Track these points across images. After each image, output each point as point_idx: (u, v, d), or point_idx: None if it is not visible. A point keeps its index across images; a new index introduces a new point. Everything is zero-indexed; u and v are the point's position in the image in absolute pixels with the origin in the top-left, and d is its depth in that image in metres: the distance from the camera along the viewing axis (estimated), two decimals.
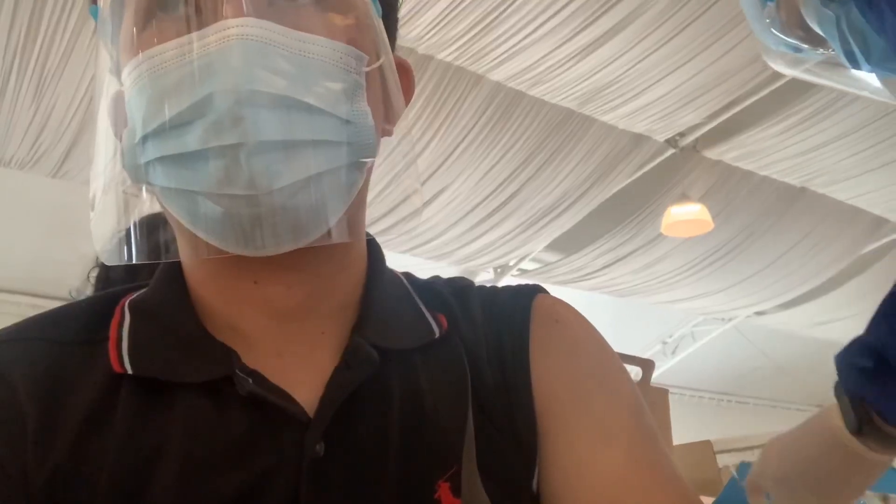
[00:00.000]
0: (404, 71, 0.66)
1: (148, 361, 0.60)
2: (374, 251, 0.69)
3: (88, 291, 1.31)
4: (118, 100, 0.60)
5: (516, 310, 0.70)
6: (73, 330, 0.63)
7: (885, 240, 6.83)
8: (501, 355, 0.67)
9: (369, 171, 0.62)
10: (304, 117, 0.55)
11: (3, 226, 4.85)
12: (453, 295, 0.72)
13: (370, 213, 0.67)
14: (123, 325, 0.63)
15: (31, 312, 0.67)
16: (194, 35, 0.54)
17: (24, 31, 3.62)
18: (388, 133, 0.66)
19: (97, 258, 1.27)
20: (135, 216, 0.60)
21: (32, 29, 3.62)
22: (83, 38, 3.67)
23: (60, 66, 3.78)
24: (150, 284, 0.67)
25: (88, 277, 1.31)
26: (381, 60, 0.62)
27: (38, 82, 3.84)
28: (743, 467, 0.95)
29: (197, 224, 0.57)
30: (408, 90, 0.67)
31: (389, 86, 0.63)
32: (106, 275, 1.29)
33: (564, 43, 4.23)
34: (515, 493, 0.63)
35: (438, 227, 5.30)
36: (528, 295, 0.71)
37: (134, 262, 0.59)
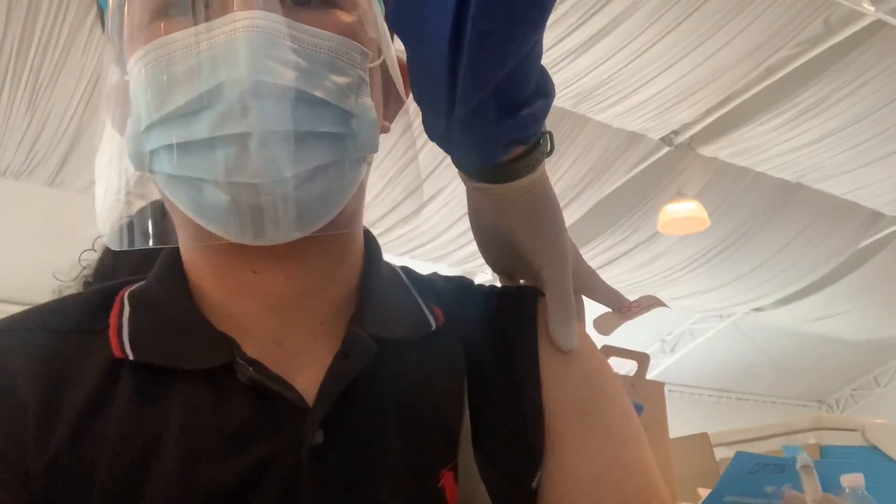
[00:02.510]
0: (403, 71, 0.67)
1: (149, 347, 0.61)
2: (370, 243, 0.70)
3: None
4: (122, 90, 0.61)
5: (524, 312, 0.71)
6: (73, 319, 0.63)
7: (881, 234, 6.84)
8: (510, 357, 0.68)
9: (370, 164, 0.63)
10: (311, 109, 0.56)
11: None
12: (453, 292, 0.72)
13: (370, 214, 0.68)
14: (123, 313, 0.63)
15: None
16: (204, 26, 0.56)
17: (18, 40, 3.62)
18: (386, 129, 0.67)
19: (79, 261, 1.26)
20: (138, 203, 0.61)
21: (26, 37, 3.62)
22: (77, 45, 3.67)
23: (55, 75, 3.78)
24: (149, 275, 0.67)
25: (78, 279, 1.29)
26: (383, 57, 0.63)
27: (32, 91, 3.84)
28: (739, 456, 0.95)
29: (200, 212, 0.58)
30: (407, 89, 0.68)
31: (391, 82, 0.65)
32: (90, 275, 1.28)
33: (558, 42, 4.24)
34: (514, 489, 0.64)
35: (436, 229, 5.31)
36: (533, 297, 0.71)
37: (136, 247, 0.60)
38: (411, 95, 0.68)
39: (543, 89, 0.66)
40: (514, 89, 0.63)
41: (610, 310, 0.81)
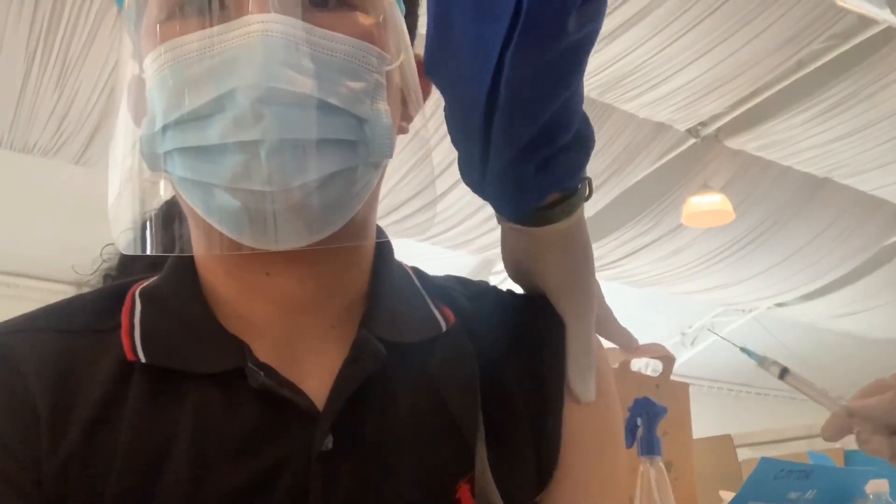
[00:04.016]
0: (423, 69, 0.66)
1: (161, 350, 0.61)
2: (382, 244, 0.69)
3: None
4: (139, 86, 0.60)
5: (554, 330, 0.70)
6: (83, 319, 0.63)
7: None
8: (539, 377, 0.68)
9: (384, 169, 0.62)
10: (324, 116, 0.55)
11: (26, 212, 4.90)
12: (470, 298, 0.72)
13: (387, 203, 0.67)
14: (135, 313, 0.63)
15: (54, 298, 0.68)
16: (219, 28, 0.55)
17: (48, 18, 3.64)
18: (405, 131, 0.67)
19: (101, 255, 1.26)
20: (152, 206, 0.60)
21: (55, 16, 3.64)
22: (106, 25, 3.68)
23: (83, 54, 3.80)
24: (161, 273, 0.67)
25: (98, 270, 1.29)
26: (401, 59, 0.62)
27: (60, 69, 3.86)
28: (764, 462, 0.94)
29: (212, 215, 0.57)
30: (426, 87, 0.67)
31: (409, 85, 0.63)
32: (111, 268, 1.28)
33: None
34: (522, 502, 0.65)
35: (458, 216, 5.29)
36: (561, 322, 0.71)
37: (149, 253, 0.60)
38: (430, 91, 0.67)
39: (583, 137, 0.65)
40: (550, 139, 0.62)
41: (616, 347, 0.81)
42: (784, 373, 0.73)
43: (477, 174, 0.64)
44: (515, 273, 0.74)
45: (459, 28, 0.55)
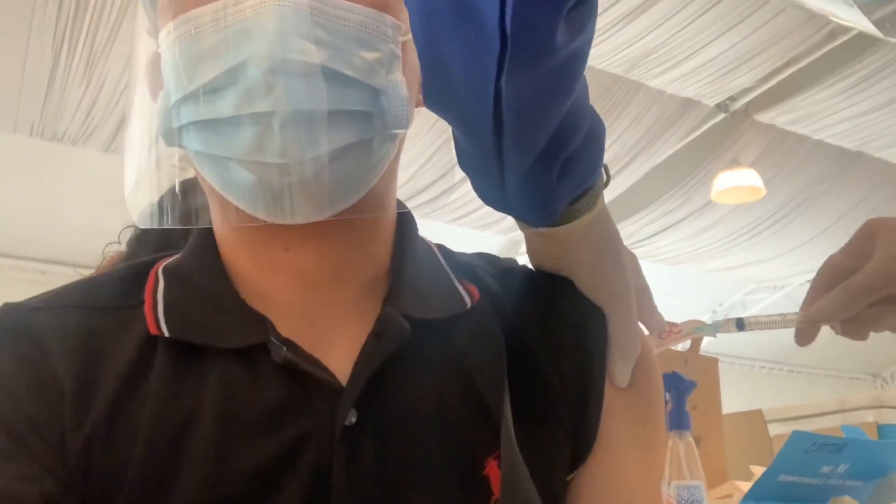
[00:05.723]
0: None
1: (184, 324, 0.61)
2: (404, 220, 0.68)
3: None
4: (155, 62, 0.60)
5: (598, 325, 0.69)
6: (108, 296, 0.63)
7: None
8: (580, 358, 0.67)
9: (401, 141, 0.62)
10: (338, 87, 0.55)
11: (55, 198, 4.96)
12: (497, 275, 0.71)
13: (414, 185, 0.67)
14: (158, 289, 0.63)
15: None
16: (231, 0, 0.54)
17: (73, 9, 3.67)
18: (422, 103, 0.66)
19: (118, 239, 1.27)
20: (168, 181, 0.60)
21: (81, 6, 3.66)
22: (131, 13, 3.71)
23: (109, 43, 3.83)
24: (183, 250, 0.67)
25: (119, 239, 1.30)
26: None
27: (87, 59, 3.89)
28: (796, 435, 0.93)
29: (228, 190, 0.57)
30: None
31: None
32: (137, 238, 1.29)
33: (611, 6, 4.15)
34: (552, 480, 0.64)
35: None
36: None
37: (166, 226, 0.60)
38: None
39: (594, 132, 0.64)
40: (564, 144, 0.61)
41: (648, 332, 0.80)
42: (741, 324, 0.75)
43: (496, 192, 0.63)
44: None
45: (452, 62, 0.55)
